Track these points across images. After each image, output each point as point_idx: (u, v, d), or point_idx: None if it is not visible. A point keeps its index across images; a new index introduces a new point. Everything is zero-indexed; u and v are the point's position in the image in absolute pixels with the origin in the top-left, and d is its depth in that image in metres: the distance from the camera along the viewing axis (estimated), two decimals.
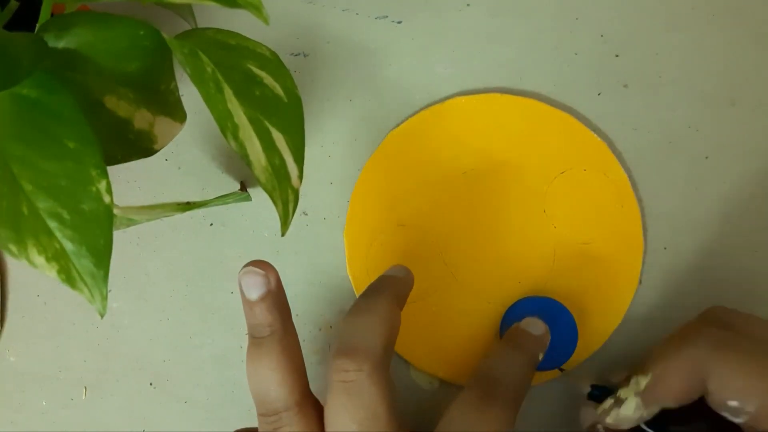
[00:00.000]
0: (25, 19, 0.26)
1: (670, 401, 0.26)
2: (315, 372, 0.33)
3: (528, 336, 0.30)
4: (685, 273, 0.33)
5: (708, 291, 0.33)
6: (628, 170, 0.34)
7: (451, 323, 0.33)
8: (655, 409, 0.26)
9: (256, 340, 0.27)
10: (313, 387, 0.34)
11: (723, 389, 0.24)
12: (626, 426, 0.27)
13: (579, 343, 0.32)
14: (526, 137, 0.34)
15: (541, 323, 0.31)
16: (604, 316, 0.32)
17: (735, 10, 0.34)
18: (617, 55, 0.34)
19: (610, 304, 0.32)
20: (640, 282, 0.33)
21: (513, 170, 0.34)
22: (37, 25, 0.23)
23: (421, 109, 0.34)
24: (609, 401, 0.28)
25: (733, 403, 0.24)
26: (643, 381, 0.26)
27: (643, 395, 0.26)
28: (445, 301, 0.33)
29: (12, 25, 0.25)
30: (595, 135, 0.33)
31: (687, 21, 0.34)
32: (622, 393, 0.27)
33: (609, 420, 0.27)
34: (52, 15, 0.23)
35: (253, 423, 0.33)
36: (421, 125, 0.34)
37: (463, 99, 0.34)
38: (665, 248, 0.33)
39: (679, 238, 0.33)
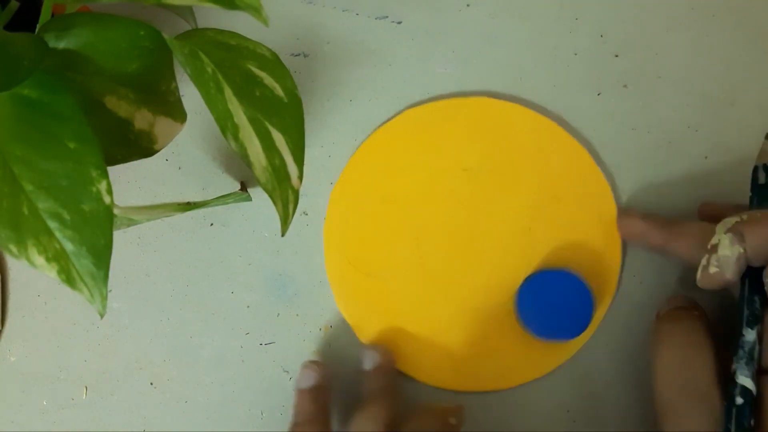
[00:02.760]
0: (26, 19, 0.26)
1: (754, 244, 0.26)
2: None
3: (374, 375, 0.32)
4: (685, 273, 0.33)
5: (708, 291, 0.33)
6: (627, 171, 0.34)
7: (409, 311, 0.33)
8: (745, 247, 0.27)
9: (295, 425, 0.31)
10: None
11: None
12: (729, 270, 0.27)
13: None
14: (517, 146, 0.33)
15: (374, 353, 0.32)
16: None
17: (735, 10, 0.34)
18: (617, 55, 0.34)
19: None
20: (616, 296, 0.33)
21: (504, 178, 0.33)
22: (38, 25, 0.23)
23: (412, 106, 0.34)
24: (705, 257, 0.28)
25: None
26: (731, 220, 0.27)
27: (734, 230, 0.27)
28: (408, 287, 0.33)
29: (12, 26, 0.25)
30: (594, 161, 0.33)
31: (687, 21, 0.34)
32: (713, 240, 0.27)
33: (712, 270, 0.27)
34: (52, 15, 0.23)
35: (253, 423, 0.33)
36: (408, 123, 0.34)
37: (455, 101, 0.34)
38: None
39: None
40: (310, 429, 0.30)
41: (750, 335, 0.27)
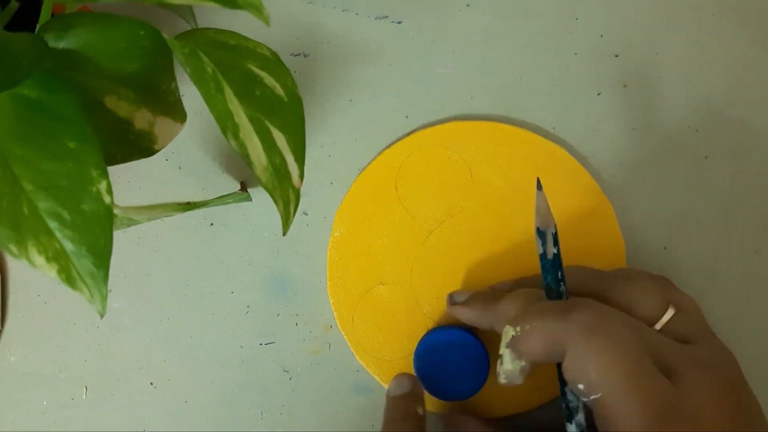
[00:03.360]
0: (26, 19, 0.26)
1: (531, 358, 0.26)
2: (314, 371, 0.33)
3: (401, 399, 0.30)
4: (685, 273, 0.33)
5: (708, 291, 0.33)
6: (627, 170, 0.34)
7: (398, 317, 0.33)
8: (526, 360, 0.26)
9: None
10: (311, 385, 0.34)
11: (576, 371, 0.25)
12: (518, 380, 0.27)
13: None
14: (522, 168, 0.33)
15: (405, 379, 0.31)
16: None
17: (735, 10, 0.34)
18: (617, 55, 0.34)
19: None
20: None
21: (506, 200, 0.33)
22: (38, 25, 0.23)
23: (413, 131, 0.34)
24: (498, 363, 0.27)
25: (581, 386, 0.25)
26: (510, 332, 0.26)
27: (512, 346, 0.26)
28: (399, 294, 0.33)
29: (12, 26, 0.25)
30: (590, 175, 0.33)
31: (687, 21, 0.34)
32: (500, 349, 0.27)
33: (502, 380, 0.27)
34: (52, 15, 0.23)
35: (253, 423, 0.33)
36: (412, 146, 0.34)
37: (458, 124, 0.34)
38: (665, 248, 0.33)
39: (679, 238, 0.33)
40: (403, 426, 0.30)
41: (571, 429, 0.26)
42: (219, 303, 0.34)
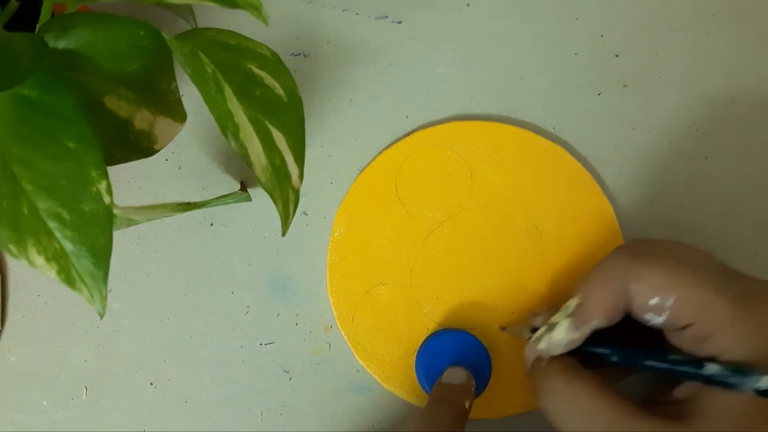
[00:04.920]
0: (26, 19, 0.26)
1: (601, 316, 0.27)
2: (314, 371, 0.33)
3: (450, 387, 0.30)
4: None
5: None
6: (627, 170, 0.34)
7: (398, 317, 0.33)
8: (585, 331, 0.27)
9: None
10: (311, 385, 0.34)
11: (643, 288, 0.25)
12: (556, 351, 0.27)
13: None
14: (521, 166, 0.33)
15: (461, 371, 0.31)
16: None
17: (735, 10, 0.34)
18: (617, 55, 0.34)
19: None
20: None
21: (507, 198, 0.33)
22: (38, 25, 0.23)
23: (413, 131, 0.34)
24: (542, 329, 0.28)
25: (654, 300, 0.25)
26: (573, 303, 0.27)
27: (575, 316, 0.27)
28: (399, 294, 0.33)
29: (12, 26, 0.25)
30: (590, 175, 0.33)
31: (687, 21, 0.34)
32: (555, 318, 0.28)
33: (541, 346, 0.28)
34: (52, 15, 0.23)
35: (253, 423, 0.33)
36: (412, 145, 0.34)
37: (458, 124, 0.34)
38: None
39: (679, 238, 0.33)
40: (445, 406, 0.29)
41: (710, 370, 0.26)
42: (219, 303, 0.34)
